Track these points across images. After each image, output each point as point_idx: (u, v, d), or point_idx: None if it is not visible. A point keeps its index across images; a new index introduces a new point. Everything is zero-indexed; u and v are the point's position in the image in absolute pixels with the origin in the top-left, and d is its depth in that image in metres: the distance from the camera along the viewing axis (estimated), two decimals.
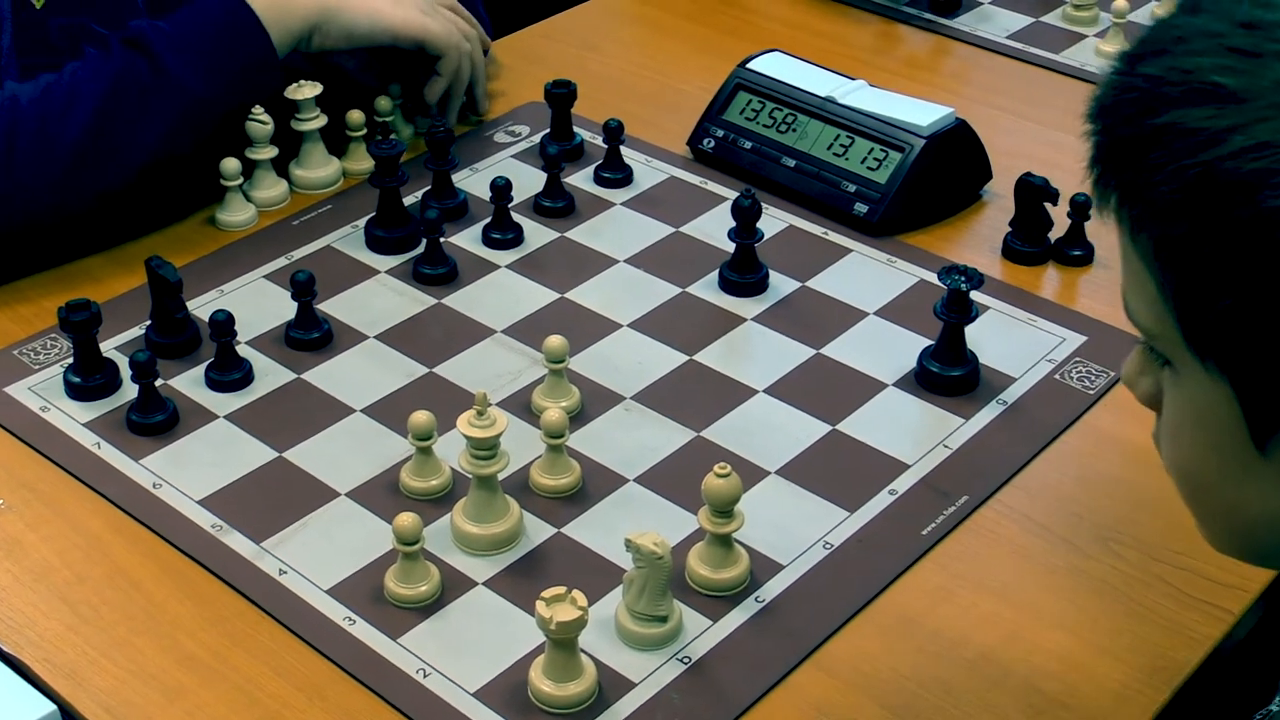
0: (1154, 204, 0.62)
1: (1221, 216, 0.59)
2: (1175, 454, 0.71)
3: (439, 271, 1.26)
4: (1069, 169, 0.82)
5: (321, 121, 1.37)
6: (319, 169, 1.39)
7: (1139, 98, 0.63)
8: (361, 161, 1.39)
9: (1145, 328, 0.68)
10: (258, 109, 1.32)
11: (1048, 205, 1.27)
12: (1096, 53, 1.61)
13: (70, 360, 1.14)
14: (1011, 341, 1.19)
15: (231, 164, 1.31)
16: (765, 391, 1.14)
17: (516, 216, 1.32)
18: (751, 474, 1.06)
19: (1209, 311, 0.61)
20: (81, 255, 1.28)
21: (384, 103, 1.42)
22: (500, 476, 0.99)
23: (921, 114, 1.34)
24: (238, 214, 1.33)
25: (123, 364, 1.14)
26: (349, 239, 1.32)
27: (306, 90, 1.35)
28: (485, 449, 0.97)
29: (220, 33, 1.28)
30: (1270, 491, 0.66)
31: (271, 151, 1.35)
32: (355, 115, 1.39)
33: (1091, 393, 1.13)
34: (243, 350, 1.17)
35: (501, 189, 1.29)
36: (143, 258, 1.19)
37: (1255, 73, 0.59)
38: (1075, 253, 1.28)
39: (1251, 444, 0.64)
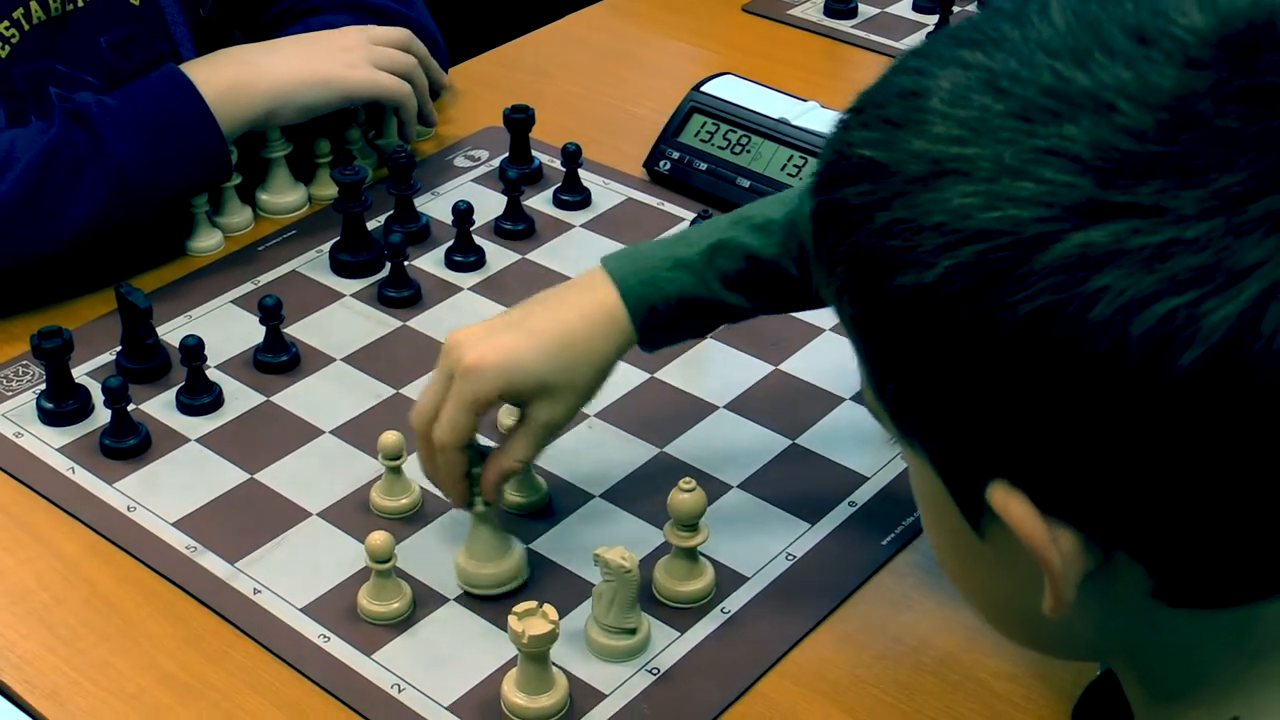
0: (834, 280, 0.59)
1: (873, 295, 0.57)
2: (928, 535, 0.69)
3: (403, 294, 1.27)
4: None
5: (287, 149, 1.38)
6: (285, 195, 1.40)
7: (821, 172, 0.60)
8: (327, 187, 1.40)
9: (869, 407, 0.65)
10: None
11: None
12: None
13: (43, 386, 1.15)
14: None
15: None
16: (725, 407, 1.16)
17: (478, 239, 1.33)
18: (714, 488, 1.07)
19: (885, 393, 0.59)
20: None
21: (354, 133, 1.43)
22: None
23: None
24: (205, 240, 1.34)
25: (95, 389, 1.14)
26: (314, 263, 1.33)
27: None
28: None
29: (167, 117, 1.26)
30: (994, 576, 0.64)
31: (235, 179, 1.36)
32: (322, 143, 1.40)
33: None
34: (212, 374, 1.17)
35: (463, 212, 1.30)
36: (112, 285, 1.19)
37: (896, 144, 0.56)
38: None
39: (967, 525, 0.60)
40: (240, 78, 1.30)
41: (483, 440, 0.99)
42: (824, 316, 1.25)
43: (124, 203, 1.25)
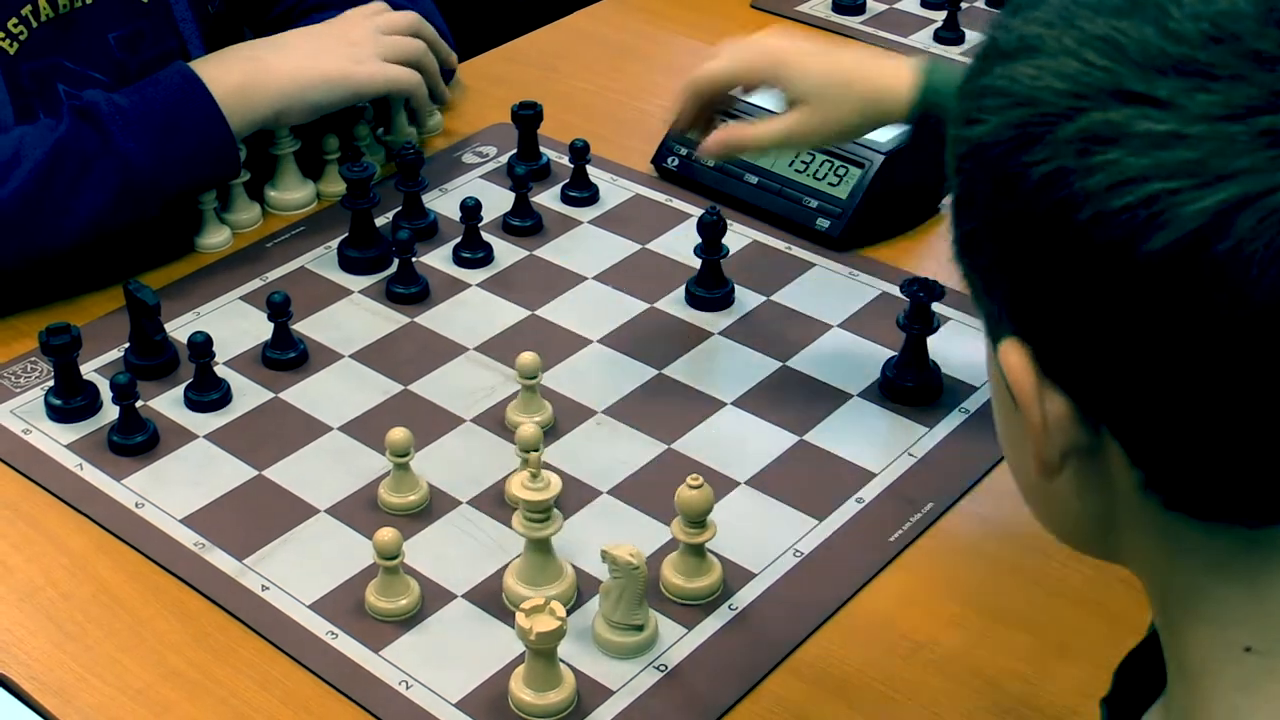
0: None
1: (953, 153, 0.62)
2: (1004, 449, 0.71)
3: (411, 291, 1.27)
4: None
5: (295, 145, 1.38)
6: (293, 191, 1.40)
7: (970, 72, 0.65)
8: (335, 184, 1.39)
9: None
10: None
11: None
12: None
13: (51, 383, 1.15)
14: (972, 351, 1.20)
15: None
16: (733, 404, 1.15)
17: (486, 236, 1.33)
18: (722, 485, 1.07)
19: (962, 254, 0.63)
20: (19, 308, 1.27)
21: (362, 129, 1.42)
22: (466, 498, 1.00)
23: (879, 130, 1.36)
24: (213, 236, 1.34)
25: (103, 386, 1.15)
26: (322, 260, 1.32)
27: None
28: (540, 511, 0.95)
29: (177, 115, 1.26)
30: (1072, 492, 0.64)
31: (243, 175, 1.36)
32: (330, 140, 1.40)
33: None
34: (221, 371, 1.17)
35: (471, 209, 1.30)
36: (120, 281, 1.19)
37: (1010, 30, 0.61)
38: None
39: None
40: (250, 77, 1.30)
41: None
42: (833, 313, 1.25)
43: (132, 201, 1.25)
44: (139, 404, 1.11)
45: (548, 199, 1.41)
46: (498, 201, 1.38)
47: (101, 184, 1.23)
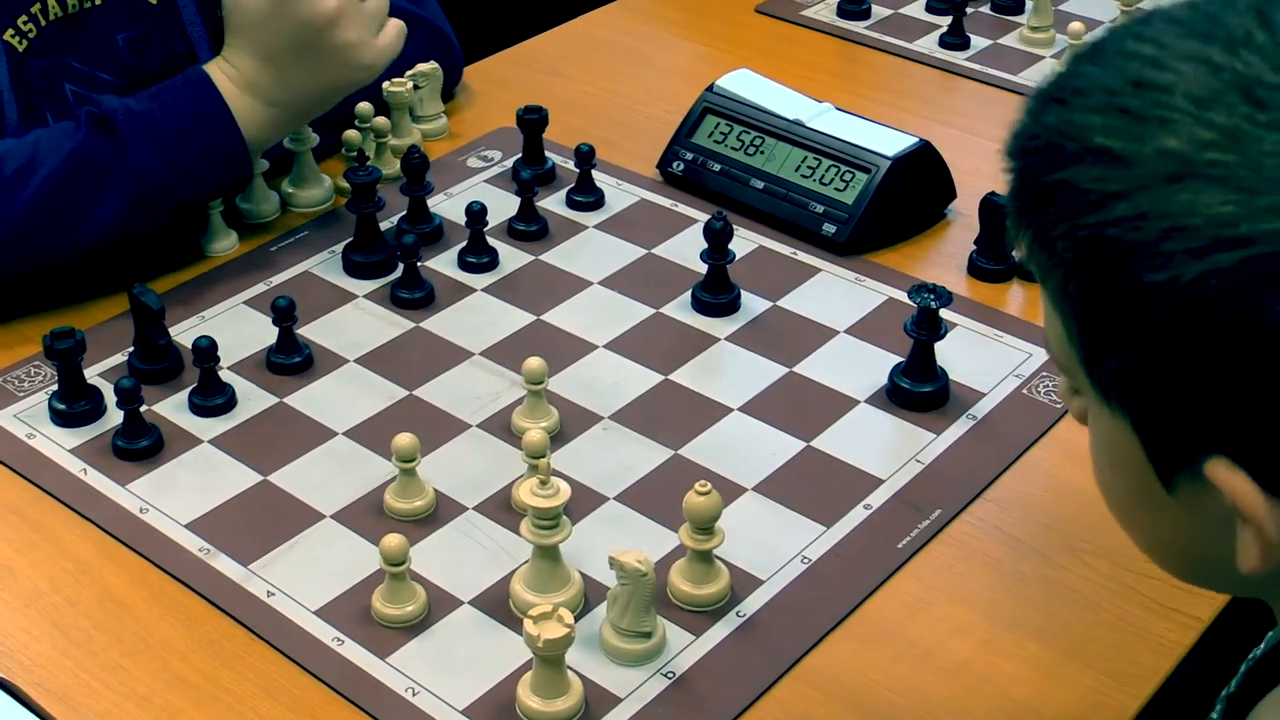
0: (1054, 255, 0.62)
1: (1109, 281, 0.59)
2: (1098, 477, 0.72)
3: (416, 295, 1.27)
4: None
5: (314, 141, 1.38)
6: (312, 188, 1.40)
7: (1041, 147, 0.63)
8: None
9: (1059, 361, 0.68)
10: None
11: None
12: None
13: (55, 387, 1.14)
14: (980, 357, 1.20)
15: None
16: (740, 409, 1.15)
17: (491, 240, 1.33)
18: (729, 491, 1.06)
19: (1105, 365, 0.62)
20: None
21: (365, 135, 1.42)
22: (472, 503, 1.00)
23: (886, 137, 1.36)
24: (220, 241, 1.34)
25: (107, 390, 1.14)
26: (327, 264, 1.32)
27: None
28: (548, 519, 0.94)
29: (192, 126, 1.25)
30: (1179, 525, 0.66)
31: (262, 165, 1.36)
32: (352, 134, 1.40)
33: (1059, 406, 1.14)
34: (225, 375, 1.17)
35: (476, 213, 1.30)
36: (125, 285, 1.19)
37: (1142, 139, 0.58)
38: None
39: (1158, 482, 0.64)
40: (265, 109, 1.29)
41: None
42: (839, 318, 1.24)
43: (146, 211, 1.25)
44: (143, 408, 1.11)
45: (553, 203, 1.40)
46: (503, 206, 1.38)
47: (117, 196, 1.23)
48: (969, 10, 1.75)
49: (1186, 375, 0.58)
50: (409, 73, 1.47)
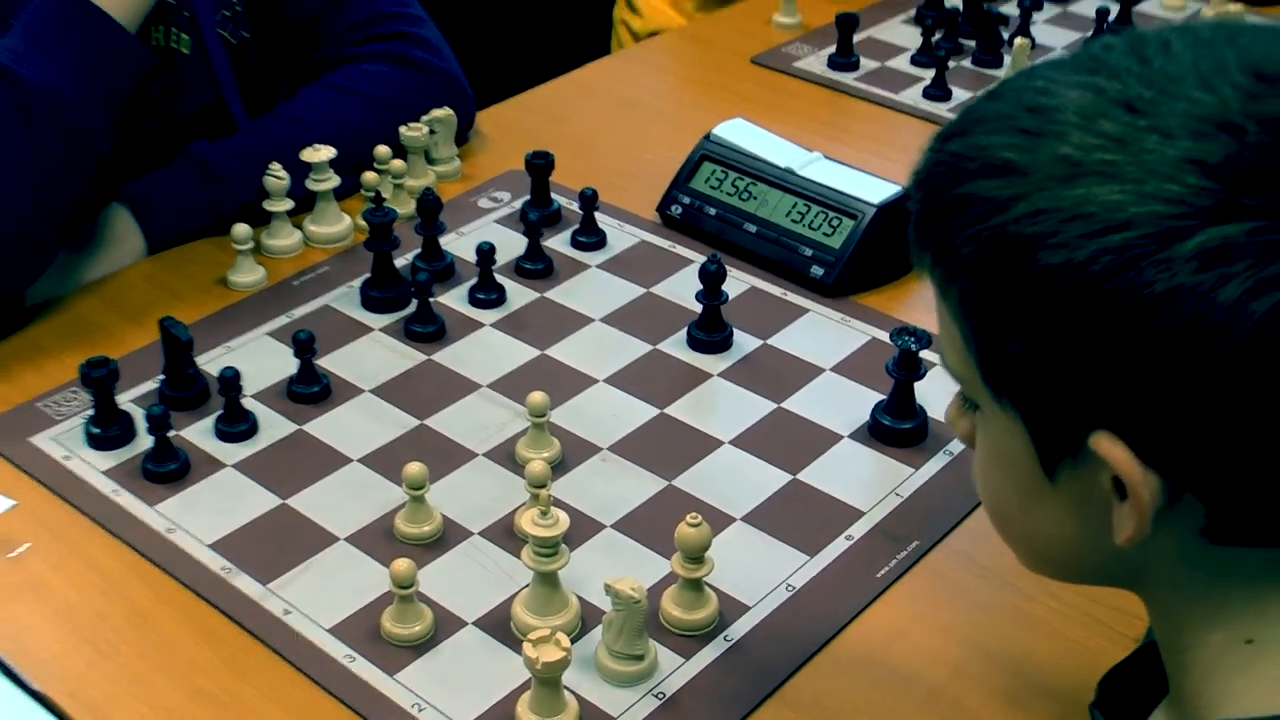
0: (957, 263, 0.64)
1: (1008, 273, 0.62)
2: (984, 486, 0.74)
3: (428, 330, 1.26)
4: None
5: (335, 182, 1.38)
6: (331, 225, 1.40)
7: (945, 171, 0.66)
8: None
9: (955, 373, 0.71)
10: (275, 165, 1.33)
11: None
12: None
13: (90, 412, 1.14)
14: None
15: (241, 229, 1.31)
16: (730, 443, 1.15)
17: (499, 278, 1.33)
18: (719, 520, 1.06)
19: (1001, 355, 0.64)
20: None
21: (383, 176, 1.42)
22: (477, 529, 1.00)
23: (872, 185, 1.36)
24: (246, 275, 1.34)
25: (138, 416, 1.14)
26: (345, 298, 1.32)
27: (322, 154, 1.36)
28: (548, 547, 0.94)
29: (60, 26, 1.21)
30: (1059, 517, 0.68)
31: (287, 204, 1.36)
32: (370, 176, 1.40)
33: None
34: (248, 403, 1.17)
35: (486, 253, 1.30)
36: (156, 317, 1.19)
37: (1036, 150, 0.62)
38: None
39: (1042, 473, 0.67)
40: None
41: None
42: (825, 357, 1.24)
43: (62, 129, 1.20)
44: (171, 434, 1.11)
45: (558, 243, 1.40)
46: (511, 245, 1.38)
47: (34, 118, 1.19)
48: (951, 64, 1.76)
49: (1076, 352, 0.61)
50: (425, 118, 1.48)
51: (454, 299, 1.32)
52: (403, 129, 1.45)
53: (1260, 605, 0.66)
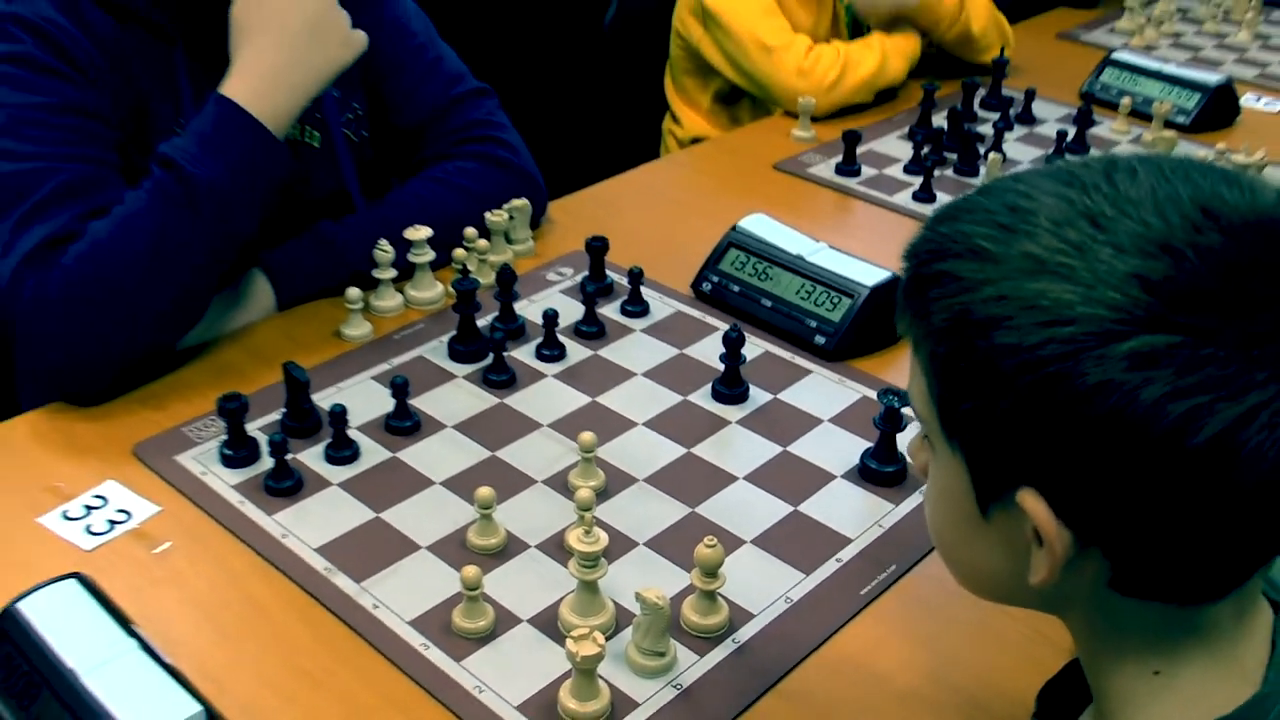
0: (929, 327, 0.63)
1: (969, 344, 0.61)
2: (930, 512, 0.73)
3: (502, 378, 1.26)
4: None
5: (430, 256, 1.38)
6: (427, 291, 1.40)
7: (932, 248, 0.64)
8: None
9: (919, 415, 0.69)
10: (383, 241, 1.34)
11: None
12: None
13: (224, 437, 1.15)
14: None
15: (354, 292, 1.32)
16: (743, 478, 1.14)
17: (561, 337, 1.32)
18: (731, 542, 1.05)
19: (955, 409, 0.63)
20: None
21: (467, 253, 1.43)
22: (534, 543, 0.99)
23: (867, 270, 1.35)
24: (356, 329, 1.34)
25: (263, 441, 1.15)
26: (435, 350, 1.32)
27: (421, 233, 1.36)
28: (590, 560, 0.94)
29: (226, 133, 1.21)
30: (989, 549, 0.67)
31: (391, 273, 1.37)
32: (459, 252, 1.40)
33: None
34: (353, 434, 1.17)
35: (550, 317, 1.30)
36: (281, 361, 1.19)
37: (1009, 244, 0.61)
38: None
39: (978, 510, 0.65)
40: (269, 82, 1.25)
41: None
42: (824, 410, 1.23)
43: (217, 214, 1.20)
44: (289, 457, 1.11)
45: (610, 311, 1.40)
46: (572, 311, 1.38)
47: (200, 211, 1.19)
48: (936, 173, 1.75)
49: (1015, 420, 0.59)
50: (505, 206, 1.48)
51: (523, 354, 1.32)
52: (488, 214, 1.45)
53: (1165, 643, 0.65)
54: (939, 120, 1.91)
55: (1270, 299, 0.57)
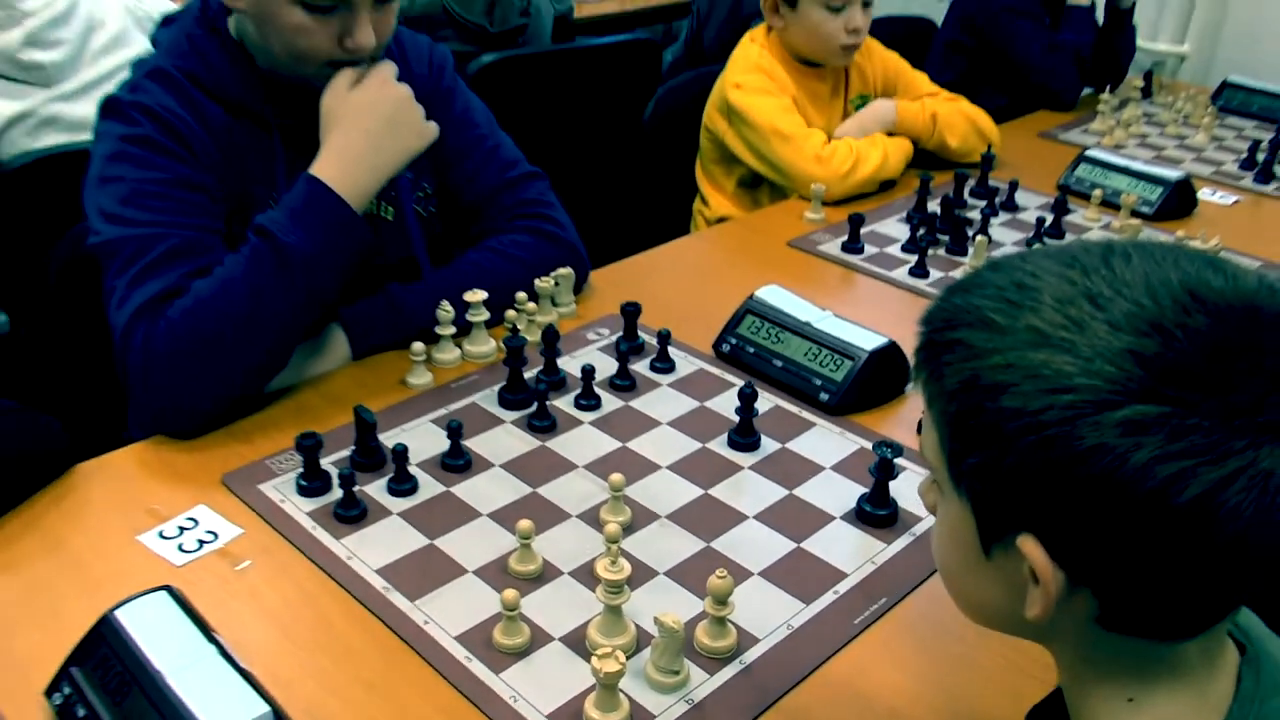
0: (942, 387, 0.62)
1: (977, 405, 0.59)
2: (937, 547, 0.71)
3: (544, 424, 1.25)
4: None
5: (485, 316, 1.38)
6: (481, 346, 1.39)
7: (947, 316, 0.63)
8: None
9: (930, 462, 0.68)
10: (445, 303, 1.33)
11: None
12: None
13: (300, 470, 1.14)
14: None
15: (418, 346, 1.31)
16: (753, 518, 1.12)
17: (598, 390, 1.31)
18: (740, 573, 1.03)
19: (963, 461, 0.62)
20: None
21: (520, 313, 1.42)
22: (567, 570, 0.97)
23: (866, 336, 1.34)
24: (419, 379, 1.33)
25: (334, 474, 1.14)
26: (487, 398, 1.31)
27: (478, 295, 1.36)
28: (615, 587, 0.92)
29: (314, 208, 1.22)
30: (990, 583, 0.66)
31: (451, 330, 1.36)
32: (510, 313, 1.39)
33: None
34: (413, 469, 1.16)
35: (588, 372, 1.28)
36: (353, 405, 1.19)
37: (1016, 317, 0.60)
38: None
39: (981, 549, 0.64)
40: (357, 173, 1.25)
41: None
42: (826, 459, 1.21)
43: (304, 276, 1.20)
44: (356, 489, 1.10)
45: (641, 367, 1.39)
46: (607, 367, 1.37)
47: (288, 274, 1.19)
48: (930, 253, 1.73)
49: (1017, 474, 0.58)
50: (552, 274, 1.48)
51: (564, 403, 1.31)
52: (536, 281, 1.45)
53: (1140, 674, 0.64)
54: (933, 206, 1.89)
55: (1249, 375, 0.56)
